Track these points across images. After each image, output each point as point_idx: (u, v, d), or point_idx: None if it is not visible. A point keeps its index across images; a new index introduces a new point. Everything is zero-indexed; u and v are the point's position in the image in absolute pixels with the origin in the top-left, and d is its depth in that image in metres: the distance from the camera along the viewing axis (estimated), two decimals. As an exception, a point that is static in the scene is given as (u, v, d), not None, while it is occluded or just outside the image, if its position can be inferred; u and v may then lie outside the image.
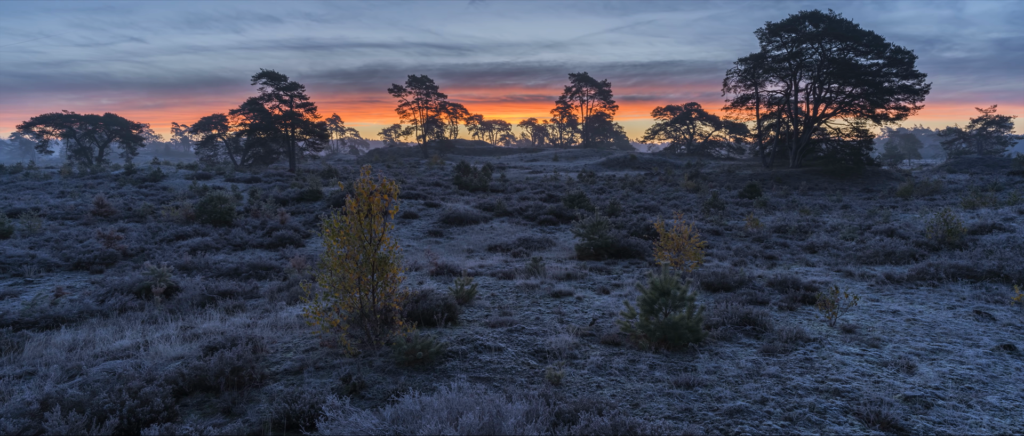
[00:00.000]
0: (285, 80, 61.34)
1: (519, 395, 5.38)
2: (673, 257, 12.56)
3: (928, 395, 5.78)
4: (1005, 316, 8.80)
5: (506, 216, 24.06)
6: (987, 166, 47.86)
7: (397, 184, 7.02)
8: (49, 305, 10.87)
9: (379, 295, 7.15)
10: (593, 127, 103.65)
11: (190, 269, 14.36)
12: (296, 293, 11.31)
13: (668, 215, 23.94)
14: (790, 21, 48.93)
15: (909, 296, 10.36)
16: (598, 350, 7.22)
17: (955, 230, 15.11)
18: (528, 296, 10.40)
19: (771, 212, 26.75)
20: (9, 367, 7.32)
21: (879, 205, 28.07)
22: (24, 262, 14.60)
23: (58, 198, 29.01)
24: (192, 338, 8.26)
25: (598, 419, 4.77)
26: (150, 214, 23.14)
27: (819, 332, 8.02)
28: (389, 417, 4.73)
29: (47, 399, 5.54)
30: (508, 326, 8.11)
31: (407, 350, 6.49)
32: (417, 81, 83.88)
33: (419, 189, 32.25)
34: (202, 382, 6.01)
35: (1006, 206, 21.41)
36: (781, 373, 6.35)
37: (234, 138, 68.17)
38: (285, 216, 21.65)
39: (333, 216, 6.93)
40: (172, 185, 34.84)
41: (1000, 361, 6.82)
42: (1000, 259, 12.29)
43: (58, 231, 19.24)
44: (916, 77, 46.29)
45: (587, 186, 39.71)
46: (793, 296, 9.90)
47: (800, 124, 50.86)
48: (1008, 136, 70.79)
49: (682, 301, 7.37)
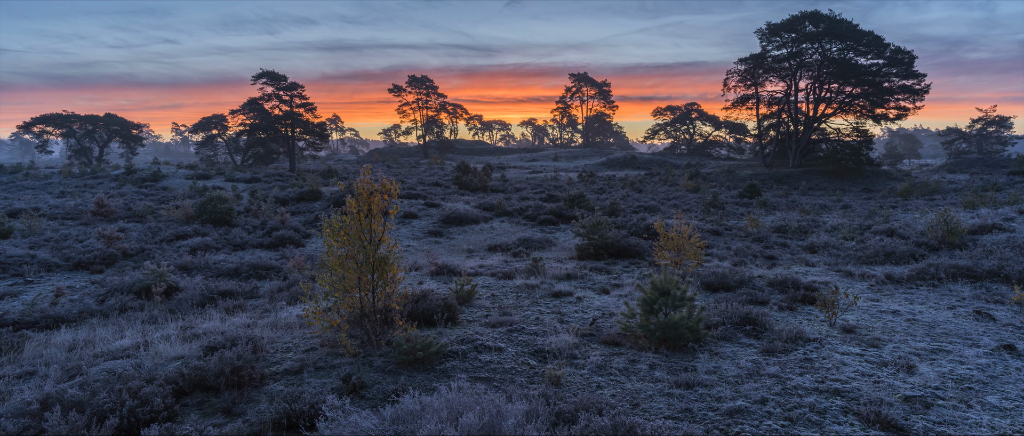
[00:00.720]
0: (285, 80, 61.35)
1: (519, 395, 5.38)
2: (673, 257, 12.56)
3: (928, 395, 5.78)
4: (1005, 316, 8.80)
5: (506, 216, 24.06)
6: (987, 166, 47.85)
7: (397, 184, 7.02)
8: (49, 305, 10.87)
9: (379, 295, 7.15)
10: (593, 127, 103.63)
11: (190, 269, 14.36)
12: (296, 293, 11.31)
13: (668, 215, 23.94)
14: (790, 21, 48.92)
15: (909, 296, 10.36)
16: (598, 350, 7.22)
17: (955, 230, 15.11)
18: (528, 296, 10.40)
19: (771, 212, 26.75)
20: (9, 367, 7.32)
21: (879, 205, 28.07)
22: (24, 262, 14.60)
23: (58, 198, 29.01)
24: (192, 338, 8.26)
25: (598, 419, 4.77)
26: (150, 214, 23.14)
27: (819, 332, 8.02)
28: (389, 417, 4.73)
29: (47, 399, 5.54)
30: (508, 326, 8.10)
31: (407, 350, 6.49)
32: (417, 81, 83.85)
33: (419, 189, 32.25)
34: (202, 382, 6.01)
35: (1006, 206, 21.41)
36: (781, 373, 6.35)
37: (234, 138, 68.16)
38: (285, 216, 21.65)
39: (333, 216, 6.93)
40: (172, 185, 34.84)
41: (1000, 361, 6.82)
42: (1000, 259, 12.29)
43: (58, 231, 19.24)
44: (916, 77, 46.29)
45: (587, 186, 39.71)
46: (793, 296, 9.90)
47: (800, 124, 50.85)
48: (1008, 136, 70.78)
49: (682, 301, 7.37)
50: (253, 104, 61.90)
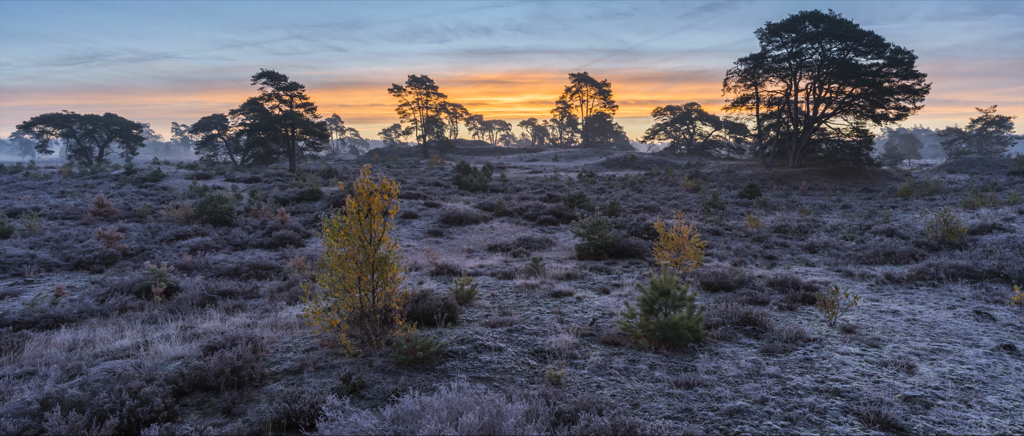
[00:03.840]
0: (285, 80, 61.36)
1: (519, 395, 5.38)
2: (673, 257, 12.56)
3: (928, 395, 5.78)
4: (1005, 316, 8.80)
5: (506, 216, 24.06)
6: (987, 166, 47.86)
7: (397, 184, 7.02)
8: (49, 305, 10.87)
9: (379, 295, 7.15)
10: (593, 127, 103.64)
11: (190, 269, 14.36)
12: (296, 293, 11.31)
13: (668, 215, 23.93)
14: (790, 21, 48.94)
15: (909, 296, 10.36)
16: (598, 350, 7.22)
17: (955, 230, 15.11)
18: (528, 296, 10.40)
19: (771, 212, 26.74)
20: (9, 367, 7.32)
21: (879, 205, 28.07)
22: (24, 262, 14.60)
23: (58, 198, 29.01)
24: (192, 338, 8.26)
25: (598, 419, 4.77)
26: (150, 214, 23.14)
27: (819, 332, 8.02)
28: (389, 417, 4.73)
29: (47, 399, 5.54)
30: (508, 326, 8.10)
31: (407, 350, 6.49)
32: (417, 81, 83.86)
33: (419, 189, 32.24)
34: (202, 382, 6.01)
35: (1006, 206, 21.41)
36: (781, 373, 6.35)
37: (234, 138, 68.14)
38: (285, 216, 21.65)
39: (333, 216, 6.92)
40: (172, 185, 34.83)
41: (1000, 361, 6.82)
42: (1000, 259, 12.29)
43: (58, 231, 19.24)
44: (916, 77, 46.30)
45: (587, 186, 39.70)
46: (793, 296, 9.89)
47: (800, 124, 50.85)
48: (1008, 136, 70.83)
49: (682, 301, 7.37)
50: (253, 104, 61.88)
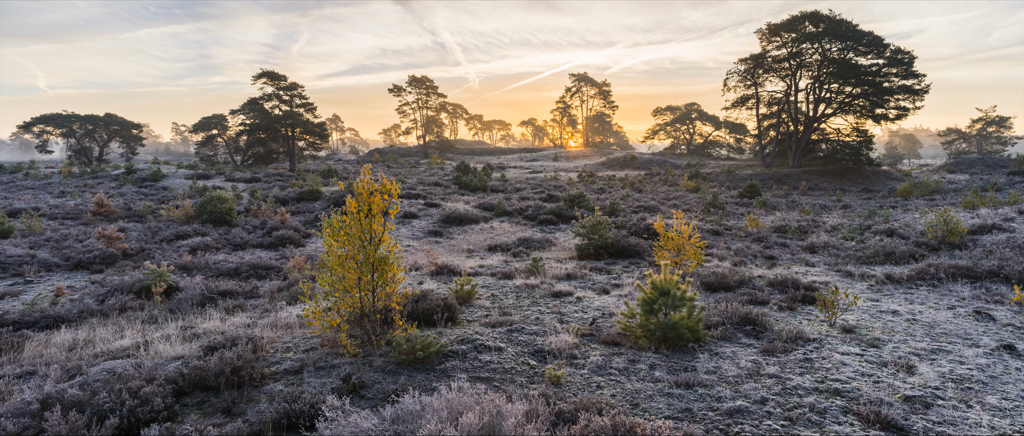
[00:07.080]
0: (285, 80, 61.35)
1: (519, 395, 5.38)
2: (673, 257, 12.56)
3: (928, 395, 5.78)
4: (1005, 316, 8.80)
5: (506, 216, 24.06)
6: (987, 166, 47.86)
7: (397, 184, 7.02)
8: (49, 305, 10.87)
9: (379, 295, 7.15)
10: (593, 127, 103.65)
11: (190, 269, 14.36)
12: (296, 293, 11.31)
13: (668, 215, 23.93)
14: (790, 21, 48.94)
15: (909, 296, 10.36)
16: (598, 350, 7.22)
17: (955, 230, 15.11)
18: (528, 296, 10.40)
19: (771, 212, 26.74)
20: (9, 367, 7.32)
21: (879, 205, 28.07)
22: (24, 262, 14.60)
23: (58, 198, 29.01)
24: (192, 338, 8.26)
25: (598, 419, 4.77)
26: (150, 214, 23.13)
27: (819, 332, 8.02)
28: (389, 417, 4.73)
29: (47, 399, 5.54)
30: (508, 326, 8.10)
31: (407, 350, 6.49)
32: (417, 81, 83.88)
33: (419, 189, 32.24)
34: (202, 382, 6.01)
35: (1006, 206, 21.41)
36: (781, 373, 6.35)
37: (234, 138, 68.14)
38: (285, 216, 21.65)
39: (333, 216, 6.92)
40: (172, 185, 34.82)
41: (1000, 361, 6.82)
42: (1000, 259, 12.29)
43: (58, 231, 19.24)
44: (916, 77, 46.30)
45: (587, 186, 39.69)
46: (793, 296, 9.89)
47: (800, 124, 50.86)
48: (1008, 136, 70.82)
49: (682, 301, 7.37)
50: (253, 104, 61.88)
